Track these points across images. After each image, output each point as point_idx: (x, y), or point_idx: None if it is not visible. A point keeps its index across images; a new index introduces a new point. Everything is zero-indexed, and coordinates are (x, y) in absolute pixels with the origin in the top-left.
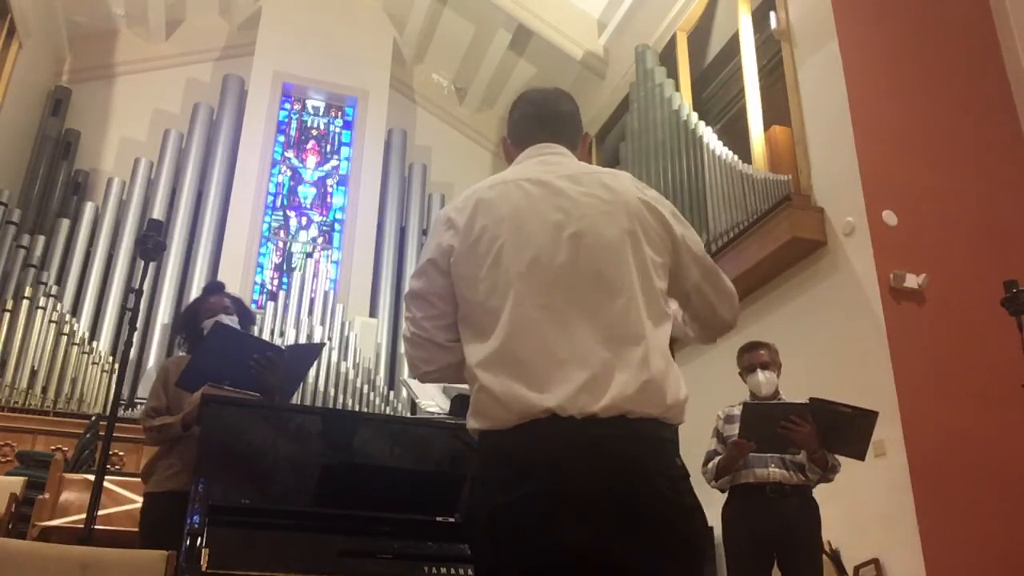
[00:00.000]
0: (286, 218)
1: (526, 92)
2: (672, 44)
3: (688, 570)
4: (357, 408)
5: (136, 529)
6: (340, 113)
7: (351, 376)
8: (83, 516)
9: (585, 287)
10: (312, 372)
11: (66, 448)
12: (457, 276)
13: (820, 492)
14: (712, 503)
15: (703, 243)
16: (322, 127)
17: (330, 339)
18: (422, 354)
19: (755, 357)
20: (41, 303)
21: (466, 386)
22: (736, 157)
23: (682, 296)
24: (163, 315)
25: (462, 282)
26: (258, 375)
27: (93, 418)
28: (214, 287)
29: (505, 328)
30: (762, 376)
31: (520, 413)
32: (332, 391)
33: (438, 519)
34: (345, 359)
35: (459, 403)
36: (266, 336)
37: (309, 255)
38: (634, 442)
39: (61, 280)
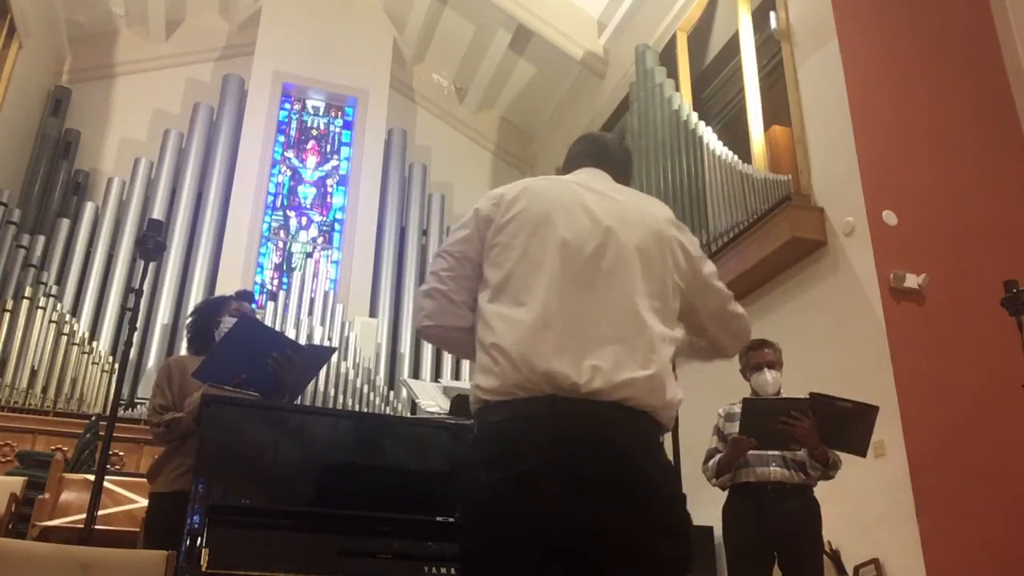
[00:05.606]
0: (286, 218)
1: (591, 133)
2: (672, 44)
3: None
4: (357, 408)
5: (136, 529)
6: (340, 113)
7: (351, 376)
8: (83, 516)
9: (609, 277)
10: None
11: (66, 448)
12: (491, 244)
13: (820, 492)
14: (713, 502)
15: (701, 243)
16: (322, 127)
17: (330, 339)
18: (431, 305)
19: (762, 356)
20: (41, 303)
21: (466, 386)
22: (736, 157)
23: (697, 327)
24: (163, 315)
25: (495, 248)
26: (275, 371)
27: (93, 418)
28: (249, 296)
29: (538, 298)
30: (770, 375)
31: (533, 378)
32: (332, 391)
33: (438, 519)
34: (345, 359)
35: (459, 403)
36: None
37: (309, 255)
38: (632, 429)
39: (61, 280)
